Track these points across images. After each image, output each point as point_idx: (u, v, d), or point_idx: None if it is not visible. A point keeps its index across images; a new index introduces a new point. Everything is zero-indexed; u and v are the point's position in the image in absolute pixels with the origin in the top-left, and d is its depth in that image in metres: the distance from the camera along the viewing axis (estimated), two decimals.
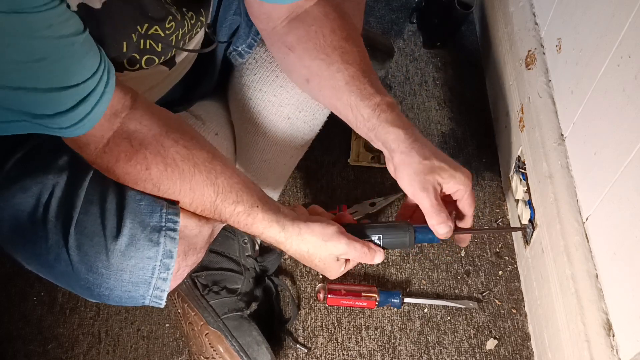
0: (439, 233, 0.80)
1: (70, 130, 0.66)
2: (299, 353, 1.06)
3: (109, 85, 0.67)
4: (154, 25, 0.76)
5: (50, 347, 1.03)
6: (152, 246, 0.73)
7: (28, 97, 0.62)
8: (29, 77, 0.61)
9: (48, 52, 0.60)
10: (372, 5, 1.58)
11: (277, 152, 1.00)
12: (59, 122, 0.65)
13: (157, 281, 0.74)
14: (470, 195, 0.82)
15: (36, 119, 0.64)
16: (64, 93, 0.63)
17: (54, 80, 0.62)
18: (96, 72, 0.65)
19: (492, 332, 1.09)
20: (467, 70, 1.47)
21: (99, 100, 0.66)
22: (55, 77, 0.62)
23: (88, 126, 0.67)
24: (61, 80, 0.62)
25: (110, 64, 0.68)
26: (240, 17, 0.94)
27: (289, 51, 0.86)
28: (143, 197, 0.74)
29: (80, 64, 0.63)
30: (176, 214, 0.75)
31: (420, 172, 0.79)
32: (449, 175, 0.80)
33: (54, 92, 0.62)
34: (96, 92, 0.66)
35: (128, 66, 0.78)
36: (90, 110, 0.66)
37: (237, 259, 1.03)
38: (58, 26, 0.60)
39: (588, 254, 0.90)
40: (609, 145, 0.86)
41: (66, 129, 0.66)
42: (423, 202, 0.79)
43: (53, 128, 0.66)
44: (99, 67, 0.65)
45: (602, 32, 0.89)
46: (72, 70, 0.63)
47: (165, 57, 0.82)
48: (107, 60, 0.68)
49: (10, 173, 0.74)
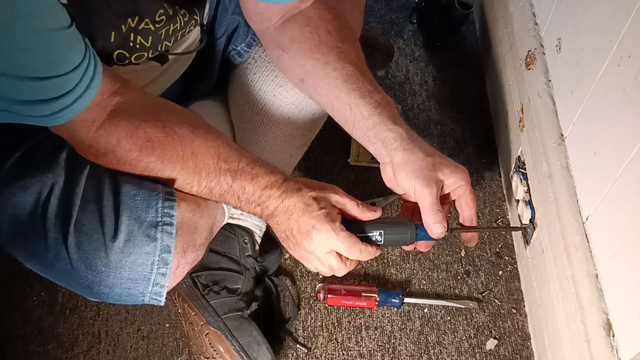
0: (434, 232, 0.80)
1: (49, 118, 0.66)
2: (299, 353, 1.06)
3: (94, 80, 0.67)
4: (144, 19, 0.76)
5: (50, 347, 1.03)
6: (149, 242, 0.73)
7: (9, 82, 0.62)
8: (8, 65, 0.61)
9: (32, 43, 0.60)
10: (372, 5, 1.58)
11: (276, 152, 1.00)
12: (39, 110, 0.65)
13: (156, 277, 0.74)
14: (471, 192, 0.82)
15: (16, 106, 0.64)
16: (45, 83, 0.63)
17: (34, 71, 0.62)
18: (79, 66, 0.65)
19: (492, 332, 1.09)
20: (467, 70, 1.47)
21: (82, 94, 0.66)
22: (36, 68, 0.62)
23: (68, 117, 0.67)
24: (42, 71, 0.63)
25: (98, 60, 0.69)
26: (239, 17, 0.95)
27: (282, 52, 0.86)
28: (138, 192, 0.74)
29: (63, 57, 0.64)
30: (172, 207, 0.75)
31: (424, 169, 0.79)
32: (450, 172, 0.80)
33: (35, 81, 0.62)
34: (80, 86, 0.66)
35: (117, 61, 0.78)
36: (72, 103, 0.66)
37: (238, 258, 1.03)
38: (46, 18, 0.60)
39: (588, 254, 0.90)
40: (609, 145, 0.86)
41: (46, 117, 0.66)
42: (424, 199, 0.79)
43: (33, 116, 0.66)
44: (82, 61, 0.65)
45: (602, 32, 0.89)
46: (54, 62, 0.63)
47: (155, 51, 0.82)
48: (94, 56, 0.68)
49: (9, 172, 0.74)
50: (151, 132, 0.72)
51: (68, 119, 0.68)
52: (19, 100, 0.64)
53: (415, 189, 0.79)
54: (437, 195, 0.79)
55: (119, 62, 0.78)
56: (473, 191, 0.83)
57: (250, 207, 0.80)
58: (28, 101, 0.64)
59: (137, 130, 0.72)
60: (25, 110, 0.65)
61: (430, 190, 0.78)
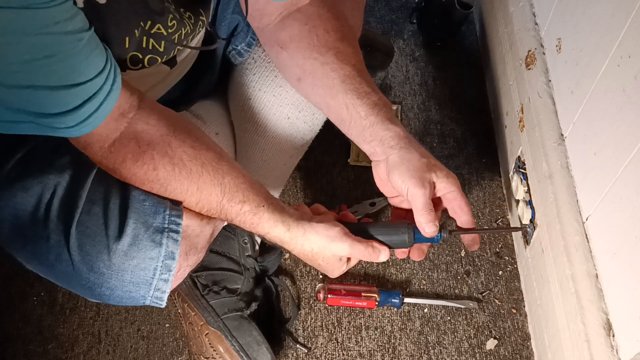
0: (426, 231, 0.80)
1: (77, 128, 0.66)
2: (299, 353, 1.06)
3: (116, 83, 0.67)
4: (157, 23, 0.76)
5: (50, 347, 1.03)
6: (154, 247, 0.73)
7: (35, 95, 0.62)
8: (36, 76, 0.61)
9: (55, 48, 0.60)
10: (372, 5, 1.58)
11: (277, 152, 1.00)
12: (65, 120, 0.65)
13: (159, 282, 0.74)
14: (463, 196, 0.82)
15: (42, 118, 0.64)
16: (71, 91, 0.63)
17: (61, 78, 0.62)
18: (103, 70, 0.65)
19: (492, 332, 1.09)
20: (467, 70, 1.47)
21: (106, 98, 0.66)
22: (62, 75, 0.62)
23: (94, 124, 0.67)
24: (68, 78, 0.62)
25: (116, 64, 0.68)
26: (239, 16, 0.94)
27: (281, 49, 0.86)
28: (147, 198, 0.74)
29: (87, 61, 0.63)
30: (179, 215, 0.75)
31: (419, 169, 0.79)
32: (444, 175, 0.80)
33: (61, 90, 0.62)
34: (103, 90, 0.66)
35: (131, 65, 0.78)
36: (97, 108, 0.66)
37: (237, 259, 1.03)
38: (65, 22, 0.60)
39: (588, 254, 0.90)
40: (609, 145, 0.86)
41: (72, 127, 0.66)
42: (418, 199, 0.79)
43: (59, 128, 0.66)
44: (105, 65, 0.65)
45: (602, 32, 0.89)
46: (79, 67, 0.63)
47: (168, 56, 0.82)
48: (113, 60, 0.68)
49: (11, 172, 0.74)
50: (158, 161, 0.72)
51: (93, 128, 0.67)
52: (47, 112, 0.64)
53: (409, 189, 0.79)
54: (430, 196, 0.79)
55: (132, 66, 0.78)
56: (465, 196, 0.83)
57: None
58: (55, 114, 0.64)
59: (144, 156, 0.71)
60: (51, 122, 0.65)
61: (424, 190, 0.78)
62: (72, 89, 0.63)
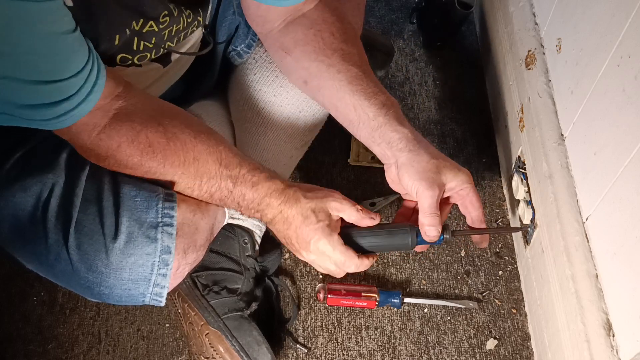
0: (428, 235, 0.81)
1: (53, 122, 0.66)
2: (299, 353, 1.06)
3: (97, 84, 0.67)
4: (149, 22, 0.76)
5: (50, 347, 1.03)
6: (149, 243, 0.73)
7: (12, 86, 0.62)
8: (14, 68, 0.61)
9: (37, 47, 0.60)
10: (372, 5, 1.58)
11: (277, 152, 1.00)
12: (41, 113, 0.65)
13: (157, 277, 0.74)
14: (475, 192, 0.82)
15: (18, 109, 0.64)
16: (48, 87, 0.63)
17: (39, 74, 0.62)
18: (82, 70, 0.65)
19: (492, 332, 1.09)
20: (467, 70, 1.47)
21: (85, 98, 0.67)
22: (40, 71, 0.62)
23: (70, 121, 0.67)
24: (46, 74, 0.63)
25: (101, 64, 0.68)
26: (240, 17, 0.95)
27: (286, 54, 0.86)
28: (138, 193, 0.74)
29: (67, 61, 0.64)
30: (172, 207, 0.75)
31: (429, 170, 0.79)
32: (453, 175, 0.81)
33: (39, 84, 0.62)
34: (82, 90, 0.66)
35: (120, 63, 0.78)
36: (75, 107, 0.66)
37: (238, 258, 1.03)
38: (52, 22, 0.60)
39: (588, 254, 0.90)
40: (609, 145, 0.86)
41: (48, 120, 0.66)
42: (425, 200, 0.79)
43: (35, 120, 0.66)
44: (85, 65, 0.65)
45: (602, 32, 0.89)
46: (58, 66, 0.63)
47: (157, 52, 0.82)
48: (98, 60, 0.68)
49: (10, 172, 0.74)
50: (153, 138, 0.72)
51: (70, 123, 0.68)
52: (21, 104, 0.64)
53: (418, 190, 0.79)
54: (437, 199, 0.79)
55: (121, 63, 0.78)
56: (477, 192, 0.83)
57: (250, 212, 0.81)
58: (30, 105, 0.64)
59: (139, 135, 0.72)
60: (27, 114, 0.65)
61: (432, 193, 0.78)
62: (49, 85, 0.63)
